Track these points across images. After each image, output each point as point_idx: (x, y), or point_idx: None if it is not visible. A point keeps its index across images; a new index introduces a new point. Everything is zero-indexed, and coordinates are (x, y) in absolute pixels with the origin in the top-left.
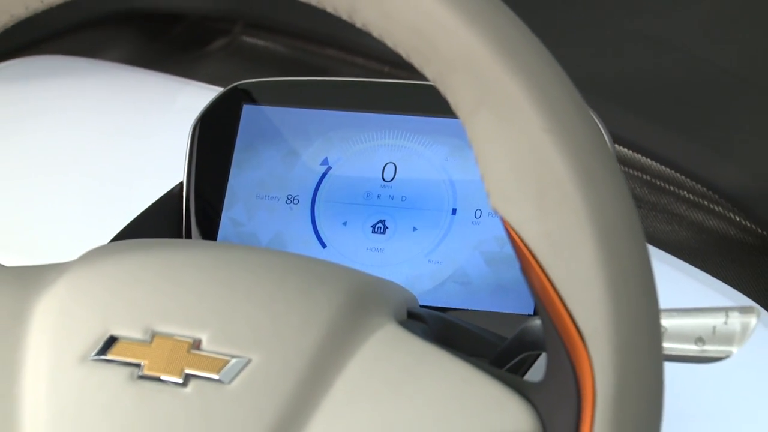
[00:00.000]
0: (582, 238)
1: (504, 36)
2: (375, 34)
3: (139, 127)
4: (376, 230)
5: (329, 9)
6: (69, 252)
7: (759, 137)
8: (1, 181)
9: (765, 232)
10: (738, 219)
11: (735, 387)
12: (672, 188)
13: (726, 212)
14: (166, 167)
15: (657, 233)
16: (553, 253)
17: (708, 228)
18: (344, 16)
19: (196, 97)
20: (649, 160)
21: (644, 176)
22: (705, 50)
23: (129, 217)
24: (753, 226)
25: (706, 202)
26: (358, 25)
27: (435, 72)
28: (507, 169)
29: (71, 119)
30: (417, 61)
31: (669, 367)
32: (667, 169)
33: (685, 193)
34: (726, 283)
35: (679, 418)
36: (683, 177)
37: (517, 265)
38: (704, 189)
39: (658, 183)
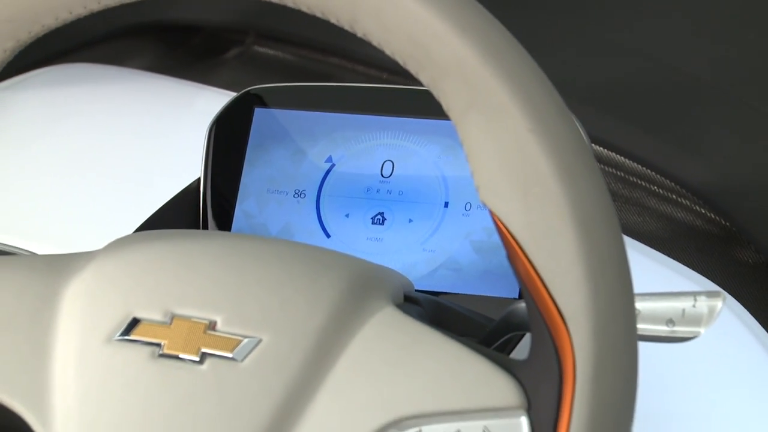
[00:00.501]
0: (563, 228)
1: (492, 44)
2: (374, 43)
3: (160, 128)
4: (375, 222)
5: (333, 20)
6: (96, 242)
7: (723, 138)
8: (35, 179)
9: (728, 224)
10: (703, 211)
11: (702, 364)
12: (643, 183)
13: (693, 205)
14: (185, 165)
15: (630, 224)
16: (536, 243)
17: (676, 219)
18: (346, 27)
19: (212, 101)
20: (622, 158)
21: (618, 173)
22: (675, 58)
23: (151, 210)
24: (717, 218)
25: (674, 196)
26: (359, 35)
27: (429, 77)
28: (495, 166)
29: (99, 122)
30: (412, 68)
31: (642, 347)
32: (639, 166)
33: (656, 188)
34: (693, 269)
35: (651, 392)
36: (654, 173)
37: (503, 253)
38: (673, 184)
39: (631, 179)
